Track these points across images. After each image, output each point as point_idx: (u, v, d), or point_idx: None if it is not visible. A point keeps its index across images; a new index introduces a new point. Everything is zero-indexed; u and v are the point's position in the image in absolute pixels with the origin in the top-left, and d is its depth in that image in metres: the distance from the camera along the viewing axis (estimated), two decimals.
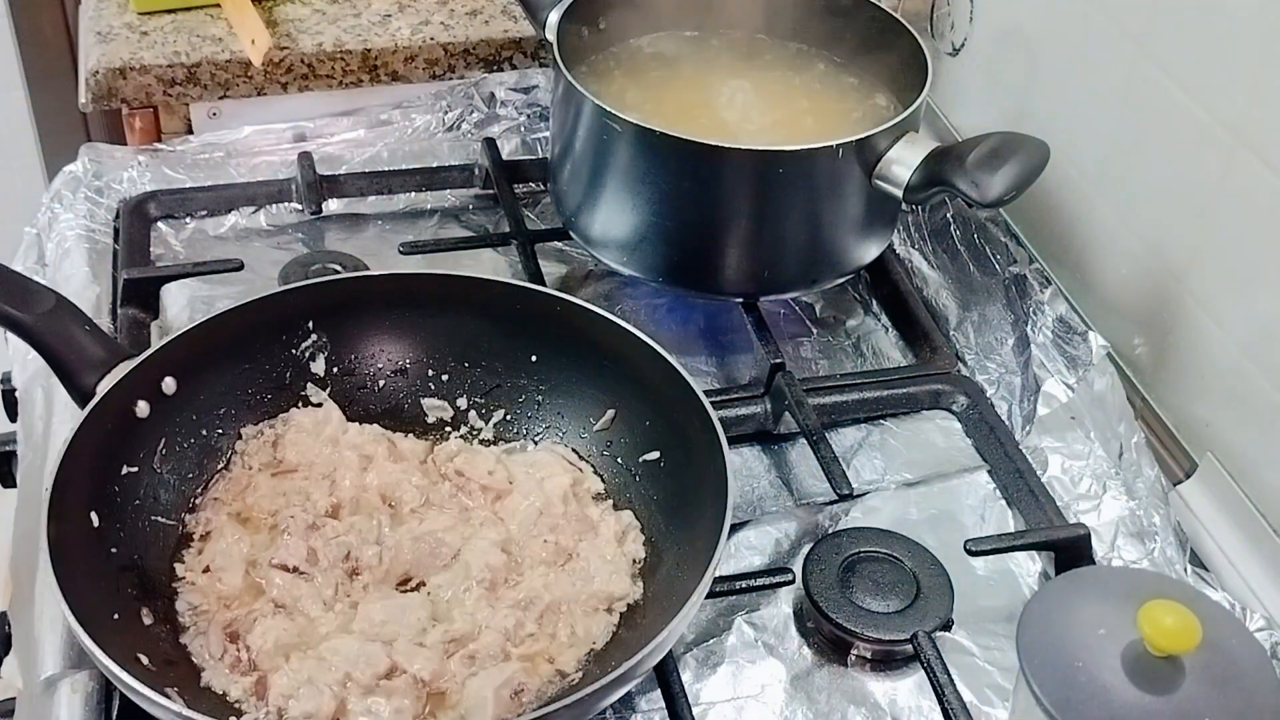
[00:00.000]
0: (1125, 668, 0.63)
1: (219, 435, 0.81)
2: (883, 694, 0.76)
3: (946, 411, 0.94)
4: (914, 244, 1.07)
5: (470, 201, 1.11)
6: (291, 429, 0.82)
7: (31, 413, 0.88)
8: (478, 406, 0.86)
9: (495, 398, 0.86)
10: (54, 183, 1.10)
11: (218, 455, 0.81)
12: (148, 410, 0.77)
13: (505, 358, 0.85)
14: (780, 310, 1.02)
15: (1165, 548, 0.83)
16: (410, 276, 0.89)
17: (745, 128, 0.98)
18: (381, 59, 1.19)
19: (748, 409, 0.91)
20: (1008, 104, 1.07)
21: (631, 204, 0.92)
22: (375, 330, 0.86)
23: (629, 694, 0.73)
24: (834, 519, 0.85)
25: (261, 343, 0.83)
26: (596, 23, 1.03)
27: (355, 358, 0.86)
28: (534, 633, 0.73)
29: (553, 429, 0.85)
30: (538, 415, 0.85)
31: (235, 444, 0.81)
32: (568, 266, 1.04)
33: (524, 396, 0.86)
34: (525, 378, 0.85)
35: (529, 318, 0.84)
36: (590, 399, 0.84)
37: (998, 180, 0.84)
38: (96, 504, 0.72)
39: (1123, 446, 0.88)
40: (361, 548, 0.76)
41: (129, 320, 0.95)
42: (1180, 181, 0.88)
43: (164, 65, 1.14)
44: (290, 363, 0.84)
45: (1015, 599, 0.81)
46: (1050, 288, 0.98)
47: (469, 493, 0.81)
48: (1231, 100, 0.82)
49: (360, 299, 0.85)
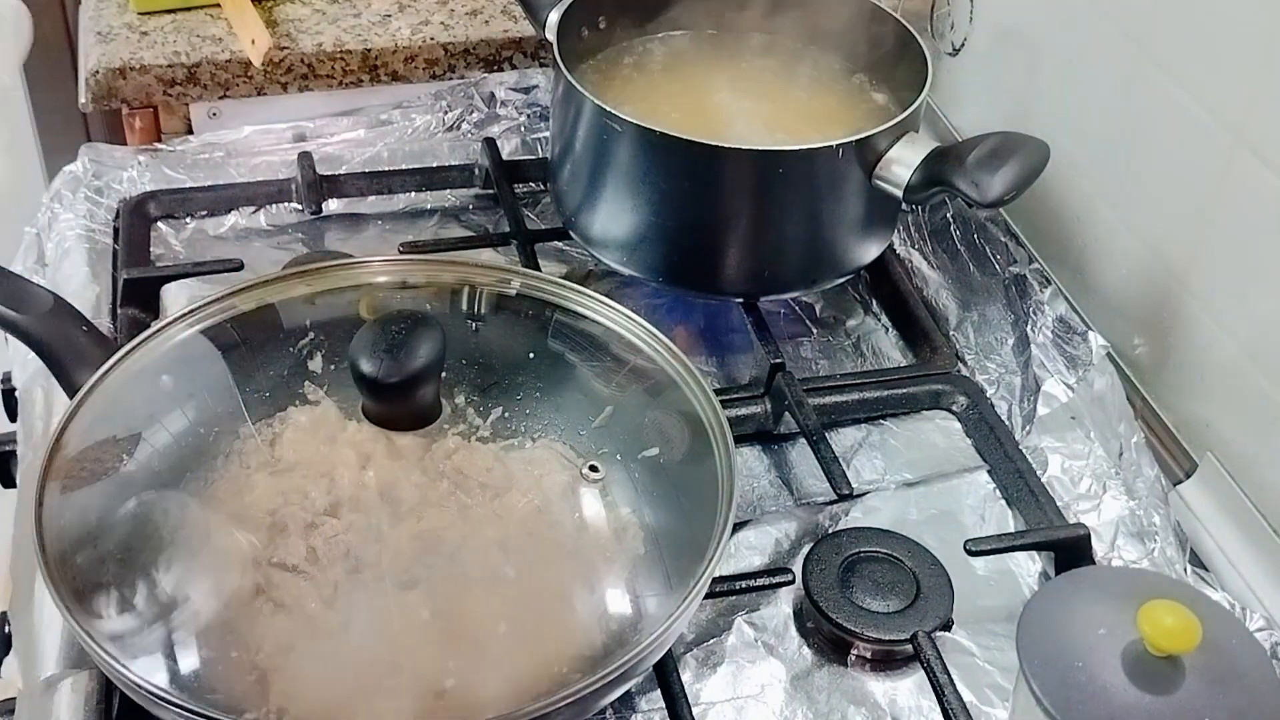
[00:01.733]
0: (1125, 668, 0.63)
1: (217, 434, 0.81)
2: (883, 694, 0.76)
3: (946, 411, 0.94)
4: (914, 244, 1.07)
5: (470, 201, 1.11)
6: (289, 428, 0.82)
7: (31, 413, 0.88)
8: (475, 404, 0.86)
9: (493, 394, 0.86)
10: (54, 183, 1.10)
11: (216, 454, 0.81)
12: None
13: (503, 354, 0.85)
14: (780, 310, 1.02)
15: (1165, 548, 0.83)
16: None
17: (745, 127, 0.98)
18: (381, 59, 1.19)
19: (748, 409, 0.91)
20: (1008, 104, 1.07)
21: (631, 204, 0.92)
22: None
23: (629, 694, 0.73)
24: (834, 519, 0.85)
25: (260, 341, 0.83)
26: (596, 23, 1.03)
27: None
28: (533, 631, 0.72)
29: (551, 426, 0.85)
30: (536, 412, 0.85)
31: (233, 444, 0.81)
32: (568, 266, 1.04)
33: (522, 393, 0.86)
34: (523, 374, 0.85)
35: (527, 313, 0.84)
36: (589, 395, 0.84)
37: (998, 180, 0.84)
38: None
39: (1123, 446, 0.88)
40: (361, 546, 0.76)
41: (129, 320, 0.95)
42: (1180, 181, 0.88)
43: (164, 65, 1.14)
44: (288, 360, 0.84)
45: (1015, 599, 0.81)
46: (1050, 288, 0.98)
47: (467, 490, 0.80)
48: (1231, 100, 0.82)
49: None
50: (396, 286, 0.86)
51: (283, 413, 0.83)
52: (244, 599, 0.73)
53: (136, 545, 0.74)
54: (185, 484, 0.79)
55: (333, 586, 0.74)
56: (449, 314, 0.86)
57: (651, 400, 0.81)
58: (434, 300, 0.86)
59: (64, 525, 0.71)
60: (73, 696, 0.68)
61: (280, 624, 0.72)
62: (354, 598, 0.74)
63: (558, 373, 0.85)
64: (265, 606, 0.73)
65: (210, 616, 0.72)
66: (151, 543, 0.75)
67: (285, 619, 0.72)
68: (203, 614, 0.73)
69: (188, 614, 0.73)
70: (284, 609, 0.73)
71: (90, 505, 0.73)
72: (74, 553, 0.70)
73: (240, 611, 0.72)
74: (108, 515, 0.73)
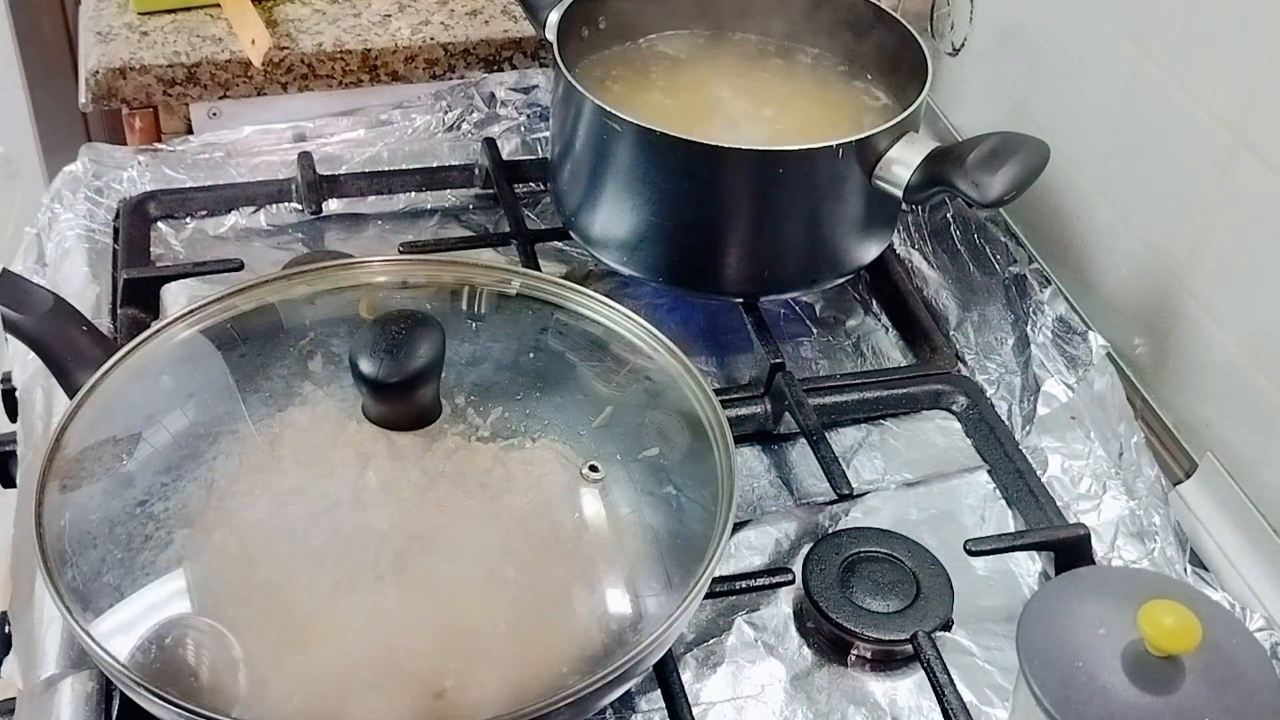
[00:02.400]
0: (1125, 668, 0.63)
1: (216, 434, 0.81)
2: (883, 694, 0.76)
3: (946, 411, 0.94)
4: (914, 244, 1.07)
5: (470, 201, 1.11)
6: (289, 429, 0.82)
7: (31, 412, 0.88)
8: (475, 404, 0.86)
9: (493, 394, 0.86)
10: (54, 183, 1.10)
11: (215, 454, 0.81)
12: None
13: (503, 354, 0.85)
14: (780, 310, 1.02)
15: (1165, 548, 0.83)
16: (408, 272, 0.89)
17: (745, 127, 0.98)
18: (381, 59, 1.19)
19: (748, 409, 0.91)
20: (1008, 104, 1.07)
21: (631, 204, 0.92)
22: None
23: (629, 694, 0.73)
24: (834, 519, 0.85)
25: (260, 341, 0.83)
26: (596, 22, 1.03)
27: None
28: (533, 631, 0.72)
29: (551, 426, 0.85)
30: (536, 412, 0.85)
31: (233, 444, 0.81)
32: (568, 266, 1.04)
33: (522, 393, 0.85)
34: (523, 374, 0.85)
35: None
36: (588, 395, 0.84)
37: (998, 180, 0.84)
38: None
39: (1123, 446, 0.88)
40: (360, 546, 0.76)
41: (129, 320, 0.95)
42: (1180, 181, 0.88)
43: (164, 65, 1.14)
44: (288, 360, 0.84)
45: (1015, 599, 0.81)
46: (1050, 288, 0.98)
47: (467, 490, 0.80)
48: (1231, 100, 0.82)
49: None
50: (397, 286, 0.86)
51: (282, 413, 0.83)
52: (243, 599, 0.73)
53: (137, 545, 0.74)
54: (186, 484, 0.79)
55: (332, 586, 0.74)
56: (449, 314, 0.86)
57: (651, 400, 0.80)
58: (434, 300, 0.86)
59: (64, 525, 0.71)
60: (73, 696, 0.68)
61: (280, 624, 0.72)
62: (353, 598, 0.74)
63: (558, 373, 0.85)
64: (265, 606, 0.73)
65: (210, 616, 0.72)
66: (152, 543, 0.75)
67: (285, 619, 0.72)
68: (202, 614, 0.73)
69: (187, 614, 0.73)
70: (283, 609, 0.73)
71: (90, 505, 0.73)
72: (74, 553, 0.69)
73: (240, 611, 0.73)
74: (108, 515, 0.73)
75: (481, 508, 0.79)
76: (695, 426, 0.77)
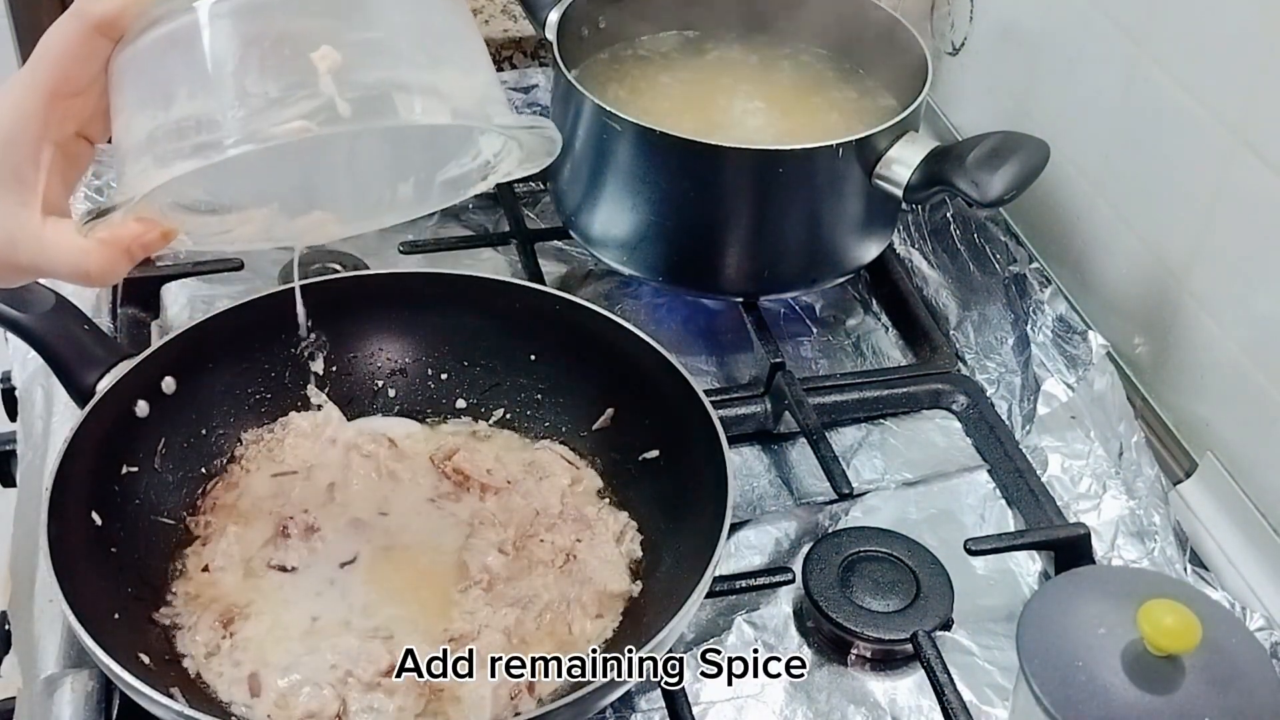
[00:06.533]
0: (1125, 667, 0.63)
1: (219, 435, 0.81)
2: (883, 693, 0.76)
3: (946, 411, 0.94)
4: (914, 244, 1.07)
5: (470, 201, 1.11)
6: (291, 433, 0.82)
7: (31, 412, 0.88)
8: (477, 405, 0.86)
9: (494, 396, 0.86)
10: None
11: (218, 455, 0.81)
12: (147, 410, 0.77)
13: (504, 356, 0.85)
14: (780, 310, 1.02)
15: (1165, 547, 0.83)
16: (409, 275, 0.89)
17: (745, 127, 0.98)
18: None
19: (748, 408, 0.91)
20: (1008, 104, 1.07)
21: (631, 204, 0.92)
22: (374, 329, 0.86)
23: (629, 693, 0.73)
24: (834, 518, 0.85)
25: (261, 342, 0.83)
26: (596, 22, 1.03)
27: (354, 357, 0.85)
28: (533, 632, 0.72)
29: (552, 428, 0.85)
30: (537, 414, 0.85)
31: (236, 448, 0.82)
32: (568, 266, 1.04)
33: (523, 395, 0.86)
34: (524, 376, 0.85)
35: (528, 316, 0.84)
36: (589, 397, 0.84)
37: (998, 180, 0.84)
38: (97, 503, 0.72)
39: (1123, 446, 0.88)
40: (361, 547, 0.76)
41: (129, 320, 0.95)
42: (1180, 181, 0.88)
43: None
44: (290, 362, 0.84)
45: (1015, 598, 0.81)
46: (1050, 287, 0.98)
47: (468, 491, 0.81)
48: (1231, 100, 0.82)
49: (359, 298, 0.85)
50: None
51: (284, 416, 0.83)
52: (243, 599, 0.74)
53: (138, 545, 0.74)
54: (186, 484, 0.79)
55: (331, 586, 0.74)
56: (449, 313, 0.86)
57: (651, 401, 0.81)
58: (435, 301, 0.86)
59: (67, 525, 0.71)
60: (73, 696, 0.68)
61: (279, 624, 0.72)
62: (353, 598, 0.74)
63: (558, 373, 0.85)
64: (264, 606, 0.73)
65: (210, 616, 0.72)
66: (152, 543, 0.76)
67: (284, 619, 0.72)
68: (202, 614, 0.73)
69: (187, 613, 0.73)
70: (283, 609, 0.73)
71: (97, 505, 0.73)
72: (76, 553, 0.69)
73: (239, 611, 0.73)
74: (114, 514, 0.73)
75: (482, 508, 0.79)
76: (694, 426, 0.77)
